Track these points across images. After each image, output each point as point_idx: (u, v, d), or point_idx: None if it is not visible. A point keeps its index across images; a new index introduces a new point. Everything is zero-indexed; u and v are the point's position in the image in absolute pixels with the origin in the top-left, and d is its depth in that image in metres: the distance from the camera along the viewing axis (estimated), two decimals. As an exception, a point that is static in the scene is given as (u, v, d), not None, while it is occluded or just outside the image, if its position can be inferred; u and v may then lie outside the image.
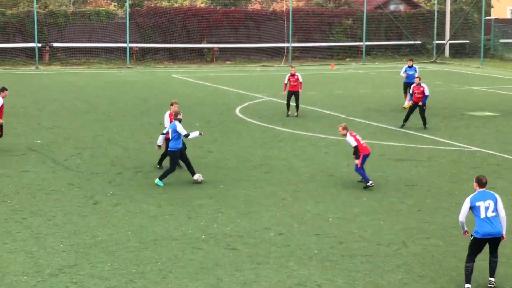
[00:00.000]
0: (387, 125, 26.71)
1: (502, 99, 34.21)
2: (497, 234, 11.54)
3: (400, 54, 57.31)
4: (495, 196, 11.72)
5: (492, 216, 11.52)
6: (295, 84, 28.71)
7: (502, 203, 11.68)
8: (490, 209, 11.54)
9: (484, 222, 11.51)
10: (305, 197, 17.07)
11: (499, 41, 56.41)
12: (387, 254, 13.25)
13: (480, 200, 11.61)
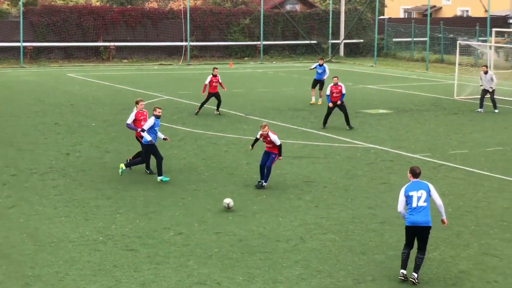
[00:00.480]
0: (286, 123, 27.03)
1: (394, 97, 35.16)
2: (424, 224, 11.84)
3: (296, 53, 58.08)
4: (428, 186, 12.06)
5: (423, 206, 11.87)
6: (216, 85, 28.71)
7: (436, 191, 12.04)
8: (422, 199, 11.89)
9: (414, 211, 11.88)
10: (205, 196, 17.08)
11: (392, 40, 57.88)
12: (286, 250, 13.43)
13: (413, 190, 11.97)
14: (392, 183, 18.47)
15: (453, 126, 26.88)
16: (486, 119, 28.39)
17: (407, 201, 11.95)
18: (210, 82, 28.58)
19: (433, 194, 11.99)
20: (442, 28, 53.49)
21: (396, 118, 28.59)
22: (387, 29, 57.44)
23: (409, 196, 11.93)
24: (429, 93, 36.27)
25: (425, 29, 50.82)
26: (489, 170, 19.84)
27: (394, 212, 15.82)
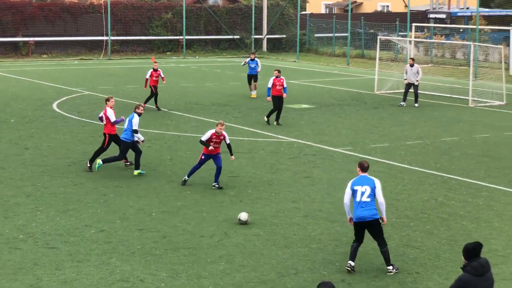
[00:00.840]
0: (209, 118, 26.98)
1: (317, 91, 35.51)
2: (369, 218, 11.92)
3: (219, 48, 58.05)
4: (374, 182, 12.11)
5: (366, 201, 11.95)
6: (157, 79, 28.66)
7: (381, 188, 12.10)
8: (366, 194, 11.96)
9: (358, 206, 11.98)
10: (128, 193, 16.90)
11: (314, 36, 58.38)
12: (210, 245, 13.40)
13: (358, 185, 12.06)
14: (315, 177, 18.65)
15: (374, 120, 27.32)
16: (405, 113, 28.95)
17: (352, 195, 12.09)
18: (150, 76, 28.58)
19: (377, 191, 12.03)
20: (362, 23, 54.27)
21: (319, 113, 28.89)
22: (309, 24, 57.94)
23: (354, 190, 12.07)
24: (350, 88, 36.78)
25: (346, 25, 51.45)
26: (409, 163, 20.24)
27: (317, 205, 16.02)
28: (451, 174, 18.92)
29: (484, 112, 29.29)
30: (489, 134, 24.42)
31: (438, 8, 61.55)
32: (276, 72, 26.43)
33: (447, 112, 29.19)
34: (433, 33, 50.63)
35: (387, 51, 45.54)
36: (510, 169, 19.46)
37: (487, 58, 43.87)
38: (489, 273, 8.42)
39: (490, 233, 14.26)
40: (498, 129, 25.48)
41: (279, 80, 26.15)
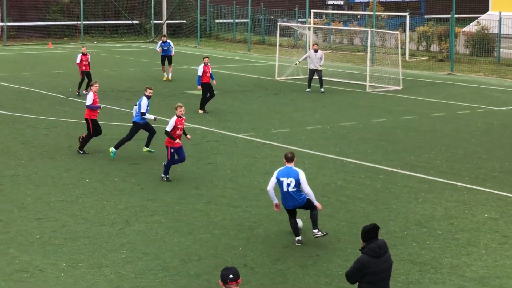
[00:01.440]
0: (109, 105, 26.58)
1: (219, 78, 35.41)
2: (298, 205, 12.57)
3: (118, 33, 57.22)
4: (298, 174, 12.43)
5: (293, 191, 12.42)
6: (87, 63, 28.71)
7: (305, 179, 12.48)
8: (291, 186, 12.38)
9: (286, 196, 12.49)
10: (25, 182, 16.50)
11: (215, 21, 58.28)
12: (111, 234, 13.25)
13: (284, 176, 12.41)
14: (217, 163, 18.69)
15: (275, 106, 27.55)
16: (306, 99, 29.32)
17: (279, 184, 12.44)
18: (80, 61, 28.66)
19: (302, 183, 12.43)
20: (263, 9, 54.54)
21: (221, 99, 28.91)
22: (209, 10, 57.79)
23: (279, 180, 12.43)
24: (251, 74, 36.95)
25: (246, 11, 51.61)
26: (309, 148, 20.53)
27: (220, 191, 16.06)
28: (350, 158, 19.31)
29: (381, 97, 29.98)
30: (386, 118, 25.03)
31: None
32: (206, 60, 26.27)
33: (346, 98, 29.73)
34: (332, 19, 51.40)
35: (287, 38, 45.95)
36: (406, 152, 20.01)
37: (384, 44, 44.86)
38: (387, 254, 8.63)
39: (388, 215, 14.64)
40: (395, 113, 26.14)
41: (208, 67, 26.00)
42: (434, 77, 35.92)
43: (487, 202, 15.59)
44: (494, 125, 23.91)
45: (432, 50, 45.20)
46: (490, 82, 34.61)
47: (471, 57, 41.76)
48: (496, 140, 21.77)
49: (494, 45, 41.96)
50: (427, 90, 31.74)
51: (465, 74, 36.99)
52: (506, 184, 16.97)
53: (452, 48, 39.02)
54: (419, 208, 15.13)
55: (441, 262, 12.20)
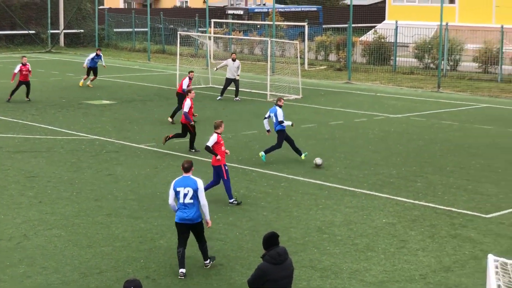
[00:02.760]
0: (5, 116, 25.95)
1: (117, 86, 35.19)
2: (192, 221, 11.77)
3: (14, 44, 55.84)
4: (197, 183, 11.82)
5: (189, 203, 11.75)
6: (27, 74, 29.10)
7: (203, 189, 11.88)
8: (188, 196, 11.73)
9: (181, 207, 11.79)
10: None
11: (113, 31, 57.71)
12: (9, 248, 12.96)
13: (180, 186, 11.81)
14: (117, 175, 18.53)
15: (177, 115, 27.48)
16: (208, 108, 29.39)
17: (176, 195, 11.87)
18: (20, 70, 28.91)
19: (200, 193, 11.81)
20: (162, 18, 54.37)
21: (120, 109, 28.67)
22: (107, 19, 57.20)
23: (176, 191, 11.84)
24: (152, 83, 36.76)
25: (145, 20, 51.31)
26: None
27: (121, 203, 15.94)
28: (252, 167, 19.51)
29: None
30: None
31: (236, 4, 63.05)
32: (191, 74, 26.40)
33: (247, 106, 29.98)
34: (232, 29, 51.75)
35: (188, 47, 45.97)
36: (306, 160, 20.35)
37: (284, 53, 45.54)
38: (288, 261, 8.79)
39: (289, 222, 14.88)
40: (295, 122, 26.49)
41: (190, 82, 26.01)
42: (332, 86, 36.66)
43: (384, 207, 16.04)
44: (390, 132, 24.62)
45: (330, 59, 46.11)
46: (386, 90, 35.59)
47: (368, 65, 42.83)
48: (393, 147, 22.42)
49: (390, 54, 43.17)
50: (326, 99, 32.37)
51: (362, 82, 37.91)
52: (403, 189, 17.51)
53: (349, 57, 39.92)
54: (319, 214, 15.44)
55: (341, 267, 12.49)
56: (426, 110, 29.58)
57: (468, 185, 17.97)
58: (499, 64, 38.00)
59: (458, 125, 26.16)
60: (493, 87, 35.51)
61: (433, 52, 41.06)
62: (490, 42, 39.20)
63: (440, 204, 16.31)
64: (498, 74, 37.88)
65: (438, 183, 18.13)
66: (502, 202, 16.55)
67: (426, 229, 14.55)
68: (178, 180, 11.99)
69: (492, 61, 39.03)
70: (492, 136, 24.12)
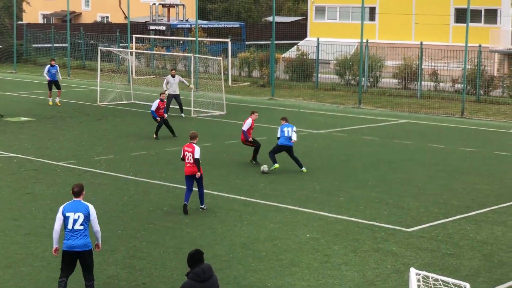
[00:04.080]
0: None
1: (36, 103, 34.58)
2: (81, 248, 11.26)
3: None
4: (89, 209, 11.35)
5: (79, 229, 11.22)
6: None
7: (96, 216, 11.42)
8: (79, 222, 11.22)
9: (70, 234, 11.24)
10: None
11: (32, 46, 56.78)
12: None
13: (70, 211, 11.27)
14: (36, 193, 18.18)
15: (98, 132, 27.20)
16: (130, 125, 29.15)
17: (64, 221, 11.32)
18: None
19: (93, 219, 11.37)
20: (82, 34, 53.78)
21: (39, 126, 28.17)
22: (26, 34, 56.20)
23: (66, 216, 11.30)
24: (72, 99, 36.24)
25: (65, 35, 50.66)
26: (134, 174, 20.43)
27: (40, 222, 15.64)
28: (176, 183, 19.41)
29: (206, 122, 30.40)
30: (211, 143, 25.37)
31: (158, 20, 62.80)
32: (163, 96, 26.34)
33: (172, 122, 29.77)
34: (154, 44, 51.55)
35: (109, 62, 45.56)
36: (231, 176, 20.40)
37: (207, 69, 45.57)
38: (213, 279, 8.76)
39: (214, 239, 14.85)
40: (220, 138, 26.56)
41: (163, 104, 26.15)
42: (256, 102, 36.87)
43: (308, 222, 16.18)
44: (313, 148, 24.89)
45: (254, 75, 46.38)
46: (309, 106, 36.00)
47: (291, 82, 43.26)
48: (316, 161, 22.66)
49: (312, 71, 43.68)
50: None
51: (285, 98, 38.24)
52: (326, 204, 17.70)
53: (272, 73, 40.26)
54: (244, 230, 15.46)
55: (266, 283, 12.52)
56: (347, 125, 30.04)
57: (389, 199, 18.29)
58: (418, 80, 38.89)
59: (379, 140, 26.64)
60: (413, 103, 36.32)
61: (354, 68, 41.75)
62: (409, 59, 40.08)
63: (362, 218, 16.55)
64: (417, 90, 38.76)
65: (360, 197, 18.40)
66: (423, 216, 16.91)
67: (349, 243, 14.74)
68: (67, 204, 11.42)
69: (412, 77, 39.91)
70: (412, 151, 24.64)
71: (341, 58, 42.81)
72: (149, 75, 45.12)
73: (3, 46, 56.56)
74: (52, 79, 33.99)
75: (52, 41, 55.43)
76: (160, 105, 26.13)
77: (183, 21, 61.95)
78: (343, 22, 53.93)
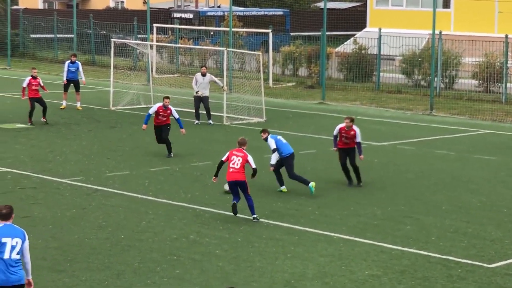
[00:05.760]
0: None
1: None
2: (14, 282, 11.29)
3: None
4: (25, 234, 11.47)
5: (17, 259, 11.31)
6: (37, 88, 30.58)
7: (28, 243, 11.53)
8: (16, 250, 11.29)
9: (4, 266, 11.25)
10: None
11: (30, 37, 57.24)
12: None
13: (7, 236, 11.27)
14: (35, 217, 18.42)
15: (110, 142, 27.46)
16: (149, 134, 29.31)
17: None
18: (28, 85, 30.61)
19: (26, 247, 11.41)
20: (92, 22, 54.26)
21: (39, 135, 28.51)
22: (23, 22, 56.76)
23: (2, 242, 11.27)
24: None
25: (71, 24, 51.23)
26: (154, 194, 20.58)
27: (40, 252, 15.84)
28: (205, 206, 19.51)
29: (241, 131, 30.45)
30: (247, 157, 25.39)
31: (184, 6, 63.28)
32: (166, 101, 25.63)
33: (199, 131, 29.98)
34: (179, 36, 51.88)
35: (124, 58, 45.82)
36: (271, 198, 20.44)
37: (243, 66, 45.68)
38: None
39: (251, 275, 14.90)
40: (257, 150, 26.57)
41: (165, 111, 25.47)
42: (302, 107, 36.89)
43: (367, 256, 16.15)
44: (373, 164, 24.83)
45: (300, 74, 46.41)
46: (368, 112, 35.92)
47: (346, 82, 43.18)
48: (377, 181, 22.62)
49: (372, 68, 43.56)
50: (295, 123, 32.56)
51: (339, 103, 38.20)
52: (389, 233, 17.66)
53: (323, 72, 40.25)
54: (287, 265, 15.49)
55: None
56: (416, 136, 29.94)
57: (467, 228, 18.20)
58: (503, 82, 38.52)
59: (455, 155, 26.51)
60: (496, 109, 36.05)
61: (424, 66, 41.52)
62: (492, 55, 39.72)
63: (434, 251, 16.48)
64: (502, 94, 38.43)
65: (432, 225, 18.32)
66: (508, 248, 16.79)
67: (418, 282, 14.69)
68: (1, 228, 11.38)
69: (495, 78, 39.53)
70: (495, 169, 24.48)
71: (408, 53, 42.67)
72: (173, 73, 45.41)
73: (-5, 36, 57.09)
74: (71, 78, 34.27)
75: (54, 30, 56.02)
76: (160, 110, 25.45)
77: (214, 8, 62.31)
78: (411, 9, 53.81)
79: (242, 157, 18.42)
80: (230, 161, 18.41)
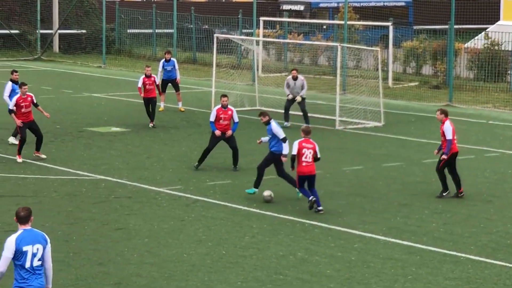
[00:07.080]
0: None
1: (132, 109, 35.39)
2: None
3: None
4: (47, 238, 11.66)
5: (38, 266, 11.49)
6: (152, 87, 31.49)
7: (50, 247, 11.71)
8: (37, 257, 11.48)
9: (28, 274, 11.43)
10: None
11: (127, 32, 57.84)
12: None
13: (28, 244, 11.44)
14: (130, 229, 18.67)
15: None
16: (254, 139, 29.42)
17: (16, 260, 11.42)
18: (143, 84, 31.39)
19: (47, 252, 11.63)
20: (193, 16, 54.74)
21: (135, 139, 28.89)
22: (119, 16, 57.49)
23: (23, 251, 11.41)
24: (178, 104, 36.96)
25: (170, 18, 51.74)
26: (259, 206, 20.62)
27: (134, 268, 16.06)
28: (314, 220, 19.49)
29: (356, 137, 30.37)
30: (362, 165, 25.31)
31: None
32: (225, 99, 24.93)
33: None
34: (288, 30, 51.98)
35: (227, 55, 46.07)
36: (390, 212, 20.29)
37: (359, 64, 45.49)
38: None
39: (366, 299, 14.83)
40: (374, 159, 26.47)
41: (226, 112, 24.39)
42: (426, 110, 36.52)
43: (498, 279, 15.91)
44: (507, 174, 24.44)
45: (424, 73, 45.98)
46: (502, 116, 35.37)
47: (477, 82, 42.56)
48: (510, 192, 22.24)
49: (507, 67, 42.85)
50: (417, 128, 32.26)
51: (468, 105, 37.73)
52: (525, 255, 17.36)
53: (450, 70, 39.80)
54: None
55: None
56: (557, 144, 29.34)
57: None
58: None
59: None
60: None
61: None
62: None
63: None
64: None
65: None
66: None
67: (558, 312, 14.39)
68: (21, 235, 11.53)
69: None
70: None
71: (548, 49, 41.87)
72: (281, 72, 45.41)
73: (88, 31, 57.94)
74: (168, 78, 34.94)
75: (153, 25, 56.65)
76: (220, 113, 24.21)
77: (327, -1, 62.19)
78: (551, -1, 52.64)
79: (312, 148, 20.04)
80: (302, 154, 19.89)
